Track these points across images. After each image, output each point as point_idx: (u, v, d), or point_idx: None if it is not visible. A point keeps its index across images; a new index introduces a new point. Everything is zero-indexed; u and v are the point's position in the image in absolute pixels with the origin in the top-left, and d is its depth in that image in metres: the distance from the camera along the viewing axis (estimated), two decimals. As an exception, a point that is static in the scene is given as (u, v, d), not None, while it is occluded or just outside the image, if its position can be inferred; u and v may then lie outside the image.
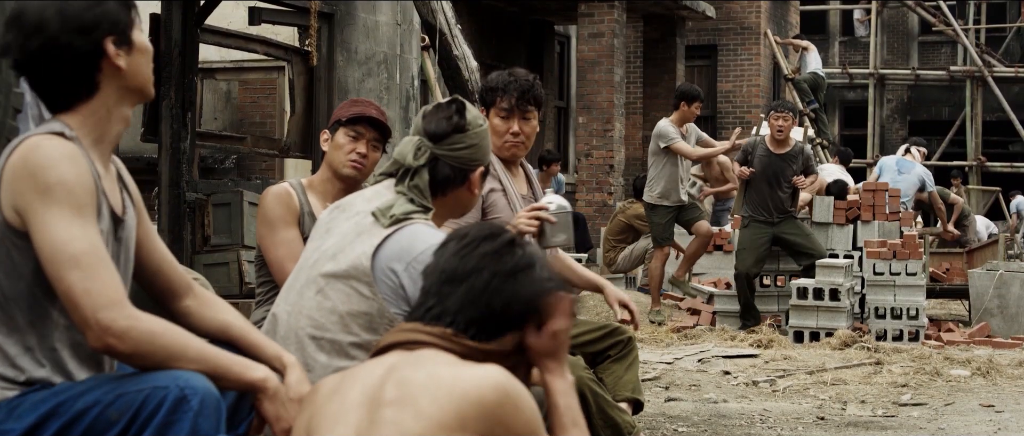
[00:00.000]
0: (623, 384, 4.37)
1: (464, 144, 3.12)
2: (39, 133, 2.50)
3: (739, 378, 7.37)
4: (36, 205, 2.42)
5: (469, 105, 3.20)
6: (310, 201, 4.21)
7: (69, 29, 2.49)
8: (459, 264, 2.40)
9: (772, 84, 20.64)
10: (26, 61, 2.52)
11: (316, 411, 2.37)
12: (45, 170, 2.43)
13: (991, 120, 24.88)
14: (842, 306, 9.15)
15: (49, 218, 2.41)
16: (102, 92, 2.55)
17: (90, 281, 2.39)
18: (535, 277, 2.41)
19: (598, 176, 15.91)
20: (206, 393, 2.40)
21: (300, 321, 3.01)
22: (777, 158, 9.71)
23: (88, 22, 2.50)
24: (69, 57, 2.50)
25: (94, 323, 2.39)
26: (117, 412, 2.40)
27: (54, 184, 2.42)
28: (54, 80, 2.52)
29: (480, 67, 8.73)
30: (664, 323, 10.09)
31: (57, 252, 2.40)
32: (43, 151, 2.44)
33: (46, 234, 2.41)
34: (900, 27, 27.87)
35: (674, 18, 18.34)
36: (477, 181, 3.20)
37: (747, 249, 9.74)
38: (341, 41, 10.40)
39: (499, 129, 4.20)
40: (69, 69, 2.50)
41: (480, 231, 2.45)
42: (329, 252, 3.05)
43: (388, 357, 2.35)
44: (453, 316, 2.36)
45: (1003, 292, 10.05)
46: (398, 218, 3.00)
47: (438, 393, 2.19)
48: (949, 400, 6.69)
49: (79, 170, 2.46)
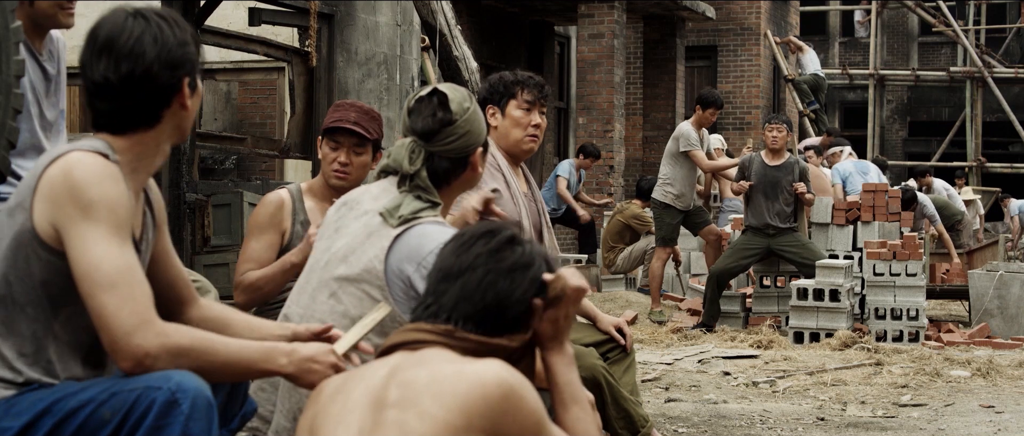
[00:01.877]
0: (621, 385, 4.37)
1: (456, 136, 3.10)
2: (81, 149, 2.53)
3: (739, 379, 7.37)
4: (77, 220, 2.45)
5: (451, 93, 3.15)
6: (306, 207, 4.23)
7: (161, 62, 2.55)
8: (455, 262, 2.41)
9: (772, 85, 20.64)
10: (107, 84, 2.55)
11: (319, 411, 2.37)
12: (88, 187, 2.46)
13: (991, 121, 24.89)
14: (842, 307, 9.15)
15: (89, 235, 2.44)
16: (160, 125, 2.60)
17: (124, 303, 2.42)
18: (533, 276, 2.41)
19: (598, 177, 15.90)
20: (197, 395, 2.40)
21: (312, 324, 3.00)
22: (773, 170, 9.75)
23: (177, 59, 2.57)
24: (151, 88, 2.55)
25: (125, 346, 2.41)
26: (110, 411, 2.41)
27: (96, 201, 2.45)
28: (126, 106, 2.56)
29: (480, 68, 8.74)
30: (665, 323, 10.10)
31: (95, 270, 2.43)
32: (87, 168, 2.48)
33: (84, 251, 2.44)
34: (900, 28, 27.87)
35: (674, 19, 18.34)
36: (478, 160, 3.19)
37: (731, 253, 9.84)
38: (341, 42, 10.41)
39: (521, 121, 4.16)
40: (145, 98, 2.56)
41: (478, 229, 2.45)
42: (340, 254, 3.04)
43: (392, 358, 2.35)
44: (449, 313, 2.37)
45: (1003, 293, 10.05)
46: (406, 218, 2.99)
47: (441, 392, 2.19)
48: (949, 401, 6.69)
49: (120, 190, 2.49)
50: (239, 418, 2.82)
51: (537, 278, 2.42)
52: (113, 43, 2.54)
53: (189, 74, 2.60)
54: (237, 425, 2.82)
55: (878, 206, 10.09)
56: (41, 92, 3.80)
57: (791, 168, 9.79)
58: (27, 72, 3.73)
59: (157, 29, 2.56)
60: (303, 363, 2.60)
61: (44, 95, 3.82)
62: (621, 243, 12.29)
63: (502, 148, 4.16)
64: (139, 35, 2.54)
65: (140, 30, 2.55)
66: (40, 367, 2.52)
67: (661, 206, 10.39)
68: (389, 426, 2.19)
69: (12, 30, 3.53)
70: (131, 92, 2.54)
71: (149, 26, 2.56)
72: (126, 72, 2.53)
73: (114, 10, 2.60)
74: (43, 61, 3.82)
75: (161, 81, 2.55)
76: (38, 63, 3.80)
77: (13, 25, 3.55)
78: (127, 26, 2.55)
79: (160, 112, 2.58)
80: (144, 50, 2.53)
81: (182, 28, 2.61)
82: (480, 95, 4.18)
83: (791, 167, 9.80)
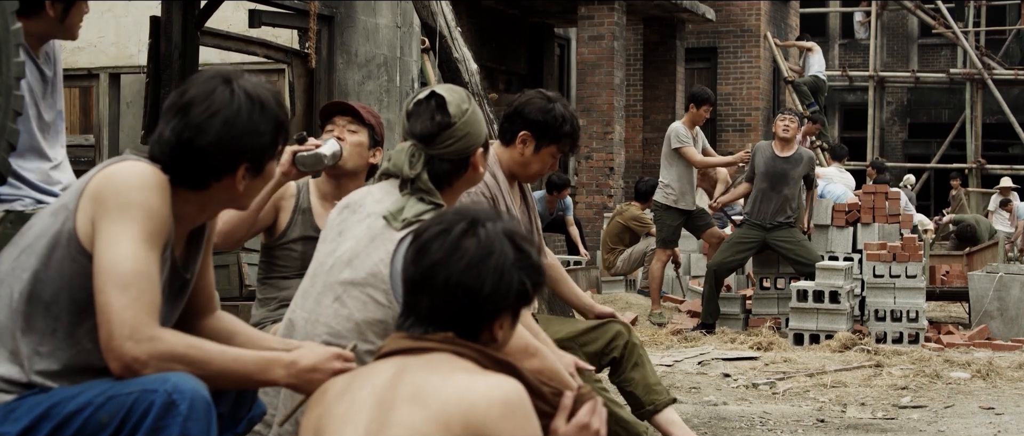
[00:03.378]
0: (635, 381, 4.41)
1: (455, 138, 3.09)
2: (136, 157, 2.57)
3: (739, 381, 7.37)
4: (113, 216, 2.47)
5: (449, 95, 3.13)
6: (311, 200, 4.26)
7: (221, 145, 2.56)
8: (416, 271, 2.32)
9: (772, 87, 20.64)
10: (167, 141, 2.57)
11: (325, 411, 2.35)
12: (132, 189, 2.49)
13: (991, 122, 24.89)
14: (842, 308, 9.15)
15: (120, 232, 2.46)
16: (209, 192, 2.62)
17: (130, 305, 2.42)
18: (495, 264, 2.28)
19: (598, 179, 15.91)
20: (195, 396, 2.40)
21: (317, 328, 3.00)
22: (782, 161, 9.72)
23: (239, 147, 2.57)
24: (203, 163, 2.57)
25: (119, 347, 2.42)
26: (108, 415, 2.42)
27: (137, 203, 2.48)
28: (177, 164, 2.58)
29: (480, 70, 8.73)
30: (665, 325, 10.10)
31: (114, 266, 2.44)
32: (137, 172, 2.52)
33: (110, 245, 2.45)
34: (900, 29, 27.87)
35: (674, 21, 18.34)
36: (479, 160, 3.17)
37: (727, 247, 9.81)
38: (341, 44, 10.41)
39: (546, 164, 4.07)
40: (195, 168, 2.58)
41: (434, 229, 2.33)
42: (344, 258, 3.03)
43: (397, 360, 2.31)
44: (427, 324, 2.30)
45: (1003, 294, 10.05)
46: (410, 221, 2.99)
47: (450, 399, 2.17)
48: (949, 402, 6.69)
49: (164, 200, 2.52)
50: (246, 422, 2.81)
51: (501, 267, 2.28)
52: (189, 109, 2.56)
53: (251, 160, 2.60)
54: (244, 429, 2.81)
55: (878, 208, 10.10)
56: (39, 94, 3.80)
57: (798, 161, 9.78)
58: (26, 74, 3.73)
59: (235, 111, 2.56)
60: (303, 374, 2.59)
61: (41, 97, 3.83)
62: (621, 245, 12.29)
63: (508, 169, 4.08)
64: (215, 112, 2.55)
65: (219, 107, 2.56)
66: (51, 370, 2.51)
67: (662, 208, 10.38)
68: (395, 427, 2.18)
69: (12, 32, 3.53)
70: (182, 157, 2.56)
71: (231, 104, 2.56)
72: (185, 140, 2.55)
73: (214, 74, 2.62)
74: (41, 64, 3.83)
75: (215, 160, 2.57)
76: (36, 65, 3.80)
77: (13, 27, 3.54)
78: (211, 97, 2.56)
79: (208, 181, 2.60)
80: (211, 128, 2.54)
81: (266, 115, 2.60)
82: (527, 116, 4.00)
83: (798, 160, 9.78)
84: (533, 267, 2.33)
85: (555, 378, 3.29)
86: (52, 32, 3.76)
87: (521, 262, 2.31)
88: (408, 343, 2.32)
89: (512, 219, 2.38)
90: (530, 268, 2.32)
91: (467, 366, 2.27)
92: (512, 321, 2.36)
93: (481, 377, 2.21)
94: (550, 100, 4.02)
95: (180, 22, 8.71)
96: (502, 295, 2.29)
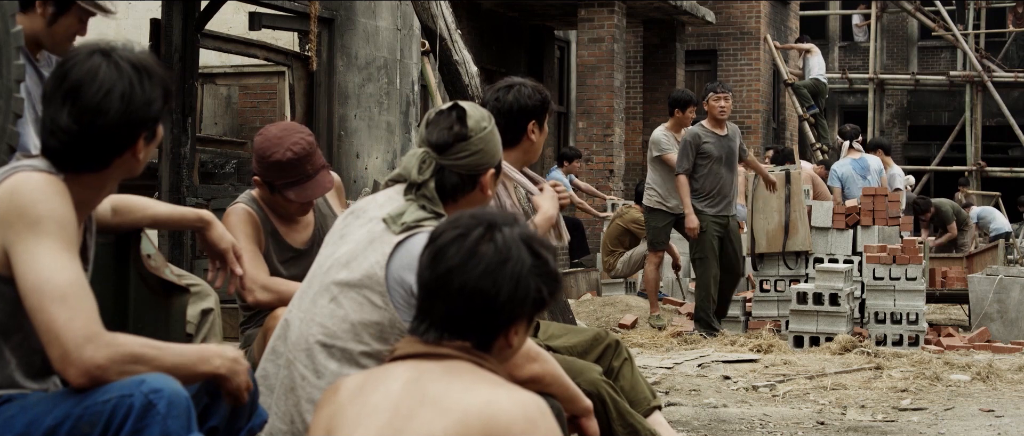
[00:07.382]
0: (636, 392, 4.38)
1: (468, 152, 3.09)
2: (27, 168, 2.52)
3: (739, 383, 7.37)
4: (25, 236, 2.44)
5: (471, 110, 3.15)
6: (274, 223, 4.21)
7: (124, 121, 2.53)
8: (432, 275, 2.28)
9: (772, 89, 20.65)
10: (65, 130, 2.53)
11: (337, 411, 2.30)
12: (36, 204, 2.45)
13: (991, 125, 24.88)
14: (842, 311, 9.15)
15: (38, 249, 2.43)
16: (110, 170, 2.60)
17: (75, 316, 2.40)
18: (512, 271, 2.25)
19: (598, 181, 15.90)
20: (172, 394, 2.40)
21: (312, 328, 2.99)
22: (727, 140, 9.63)
23: (140, 119, 2.55)
24: (108, 141, 2.54)
25: (78, 359, 2.39)
26: (88, 425, 2.40)
27: (45, 216, 2.45)
28: (79, 151, 2.54)
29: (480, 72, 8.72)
30: (664, 327, 10.09)
31: (45, 283, 2.41)
32: (33, 185, 2.48)
33: (33, 264, 2.42)
34: (900, 32, 27.88)
35: (674, 23, 18.35)
36: (488, 183, 3.17)
37: (709, 256, 9.59)
38: (341, 46, 10.42)
39: (542, 138, 4.13)
40: (99, 148, 2.55)
41: (451, 233, 2.29)
42: (342, 260, 3.03)
43: (413, 363, 2.27)
44: (441, 330, 2.27)
45: (1003, 297, 10.06)
46: (409, 225, 2.99)
47: (469, 410, 2.12)
48: (949, 405, 6.69)
49: (68, 205, 2.49)
50: (246, 431, 2.79)
51: (518, 274, 2.24)
52: (80, 91, 2.51)
53: (149, 128, 2.58)
54: (216, 423, 2.79)
55: (878, 210, 10.10)
56: (36, 97, 3.80)
57: (736, 134, 9.74)
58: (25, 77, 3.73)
59: (128, 84, 2.52)
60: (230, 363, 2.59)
61: (39, 100, 3.83)
62: (620, 247, 12.28)
63: (520, 162, 4.09)
64: (108, 89, 2.51)
65: (110, 84, 2.51)
66: None
67: (648, 210, 10.30)
68: (414, 432, 2.14)
69: (13, 35, 3.53)
70: (86, 142, 2.52)
71: (121, 79, 2.52)
72: (86, 124, 2.51)
73: (90, 50, 2.55)
74: (40, 66, 3.83)
75: (119, 137, 2.54)
76: (35, 68, 3.80)
77: (14, 30, 3.55)
78: (98, 76, 2.51)
79: (111, 159, 2.57)
80: (110, 107, 2.50)
81: (154, 82, 2.56)
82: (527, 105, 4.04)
83: (735, 133, 9.74)
84: (550, 274, 2.30)
85: (557, 383, 3.29)
86: (40, 37, 3.76)
87: (538, 269, 2.27)
88: (424, 348, 2.28)
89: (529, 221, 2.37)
90: (547, 275, 2.29)
91: (489, 377, 2.22)
92: (527, 328, 2.32)
93: (504, 390, 2.17)
94: (515, 84, 4.08)
95: (180, 24, 8.72)
96: (518, 302, 2.25)
